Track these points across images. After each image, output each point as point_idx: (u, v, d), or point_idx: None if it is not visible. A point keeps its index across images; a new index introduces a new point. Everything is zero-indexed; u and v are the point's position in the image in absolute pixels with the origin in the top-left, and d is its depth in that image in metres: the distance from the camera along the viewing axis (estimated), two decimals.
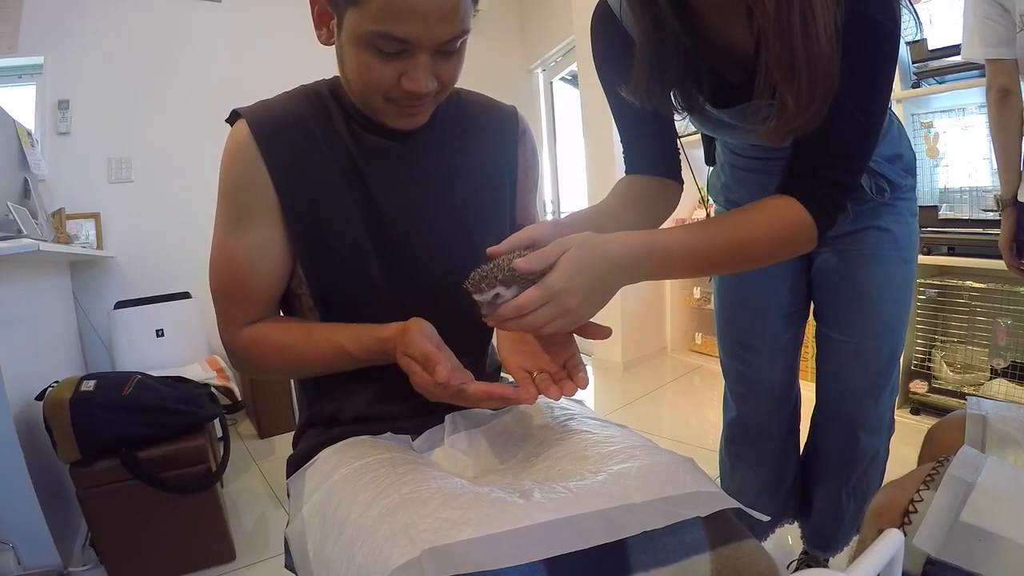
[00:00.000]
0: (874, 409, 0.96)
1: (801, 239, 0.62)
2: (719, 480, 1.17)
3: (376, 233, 0.65)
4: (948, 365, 1.92)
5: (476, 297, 0.53)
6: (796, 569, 1.18)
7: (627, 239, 0.55)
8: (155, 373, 1.54)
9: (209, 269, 0.65)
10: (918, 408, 1.96)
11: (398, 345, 0.56)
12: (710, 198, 1.07)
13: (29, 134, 1.88)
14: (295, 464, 0.67)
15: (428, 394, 0.55)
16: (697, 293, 2.92)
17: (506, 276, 0.52)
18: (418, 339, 0.54)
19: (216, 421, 1.56)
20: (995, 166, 1.86)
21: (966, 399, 0.73)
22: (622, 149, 0.81)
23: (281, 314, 0.71)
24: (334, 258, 0.64)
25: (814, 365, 1.03)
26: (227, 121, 0.65)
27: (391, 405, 0.67)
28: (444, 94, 0.63)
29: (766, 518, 0.52)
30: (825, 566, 1.12)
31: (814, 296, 1.00)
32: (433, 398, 0.55)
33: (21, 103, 2.24)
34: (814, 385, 1.05)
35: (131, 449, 1.27)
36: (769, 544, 1.17)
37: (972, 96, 1.86)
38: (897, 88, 1.92)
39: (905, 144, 0.88)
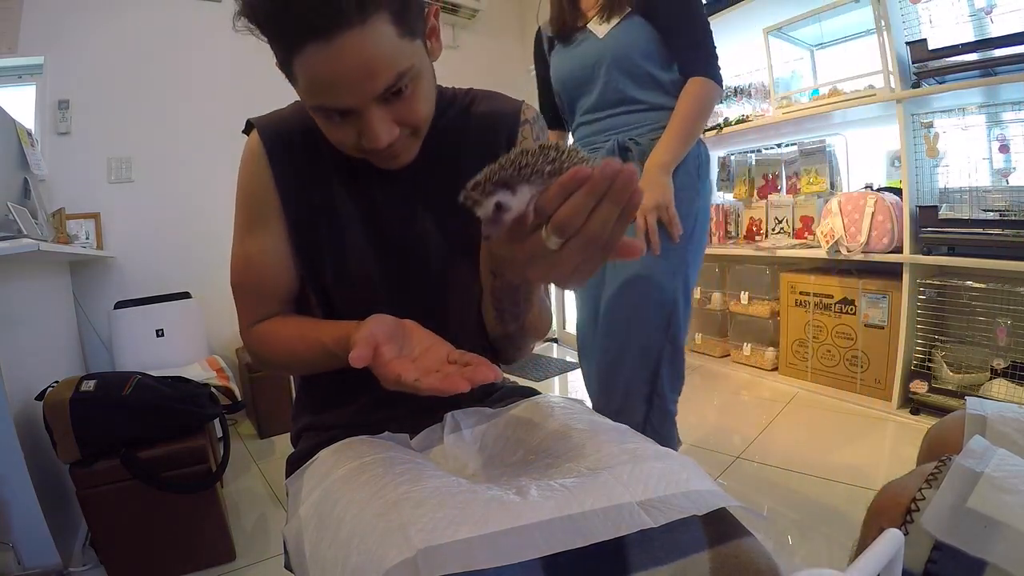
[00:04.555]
0: None
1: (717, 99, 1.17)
2: None
3: (376, 242, 0.67)
4: (948, 365, 1.92)
5: (478, 213, 0.44)
6: None
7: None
8: (155, 373, 1.54)
9: (230, 268, 0.69)
10: (918, 408, 1.95)
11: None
12: None
13: (29, 134, 1.88)
14: (294, 464, 0.68)
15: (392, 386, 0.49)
16: (697, 293, 2.91)
17: (507, 176, 0.43)
18: (362, 334, 0.50)
19: (216, 421, 1.57)
20: (995, 166, 1.87)
21: (965, 399, 0.73)
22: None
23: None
24: (334, 265, 0.67)
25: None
26: (243, 132, 0.68)
27: (389, 411, 0.68)
28: (422, 131, 0.62)
29: (765, 516, 0.52)
30: None
31: None
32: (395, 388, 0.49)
33: (21, 103, 2.24)
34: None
35: (131, 449, 1.27)
36: (768, 543, 1.17)
37: (972, 96, 1.85)
38: (897, 88, 1.92)
39: None
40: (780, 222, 2.62)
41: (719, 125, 2.59)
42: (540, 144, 0.46)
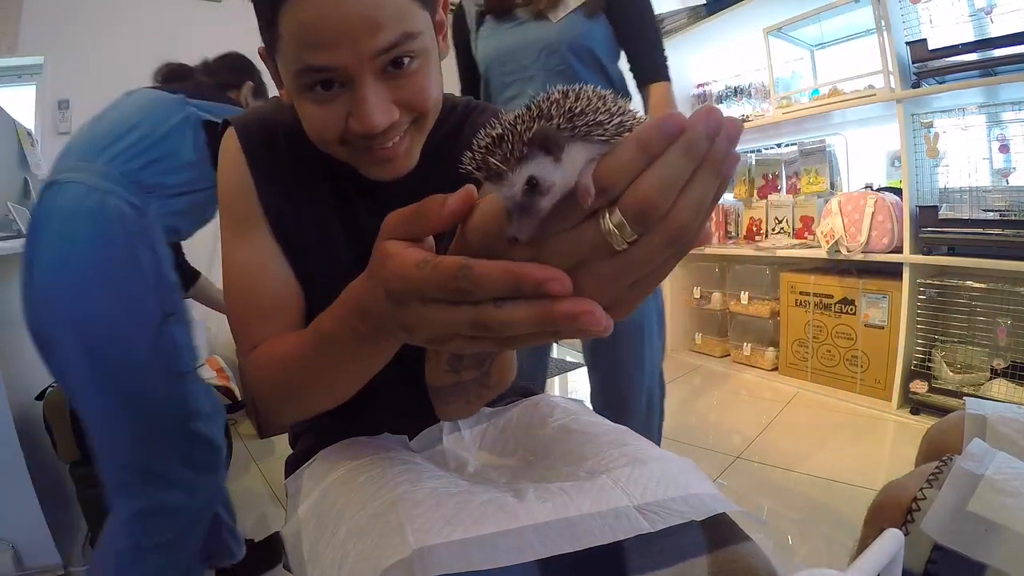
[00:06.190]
0: None
1: None
2: None
3: (360, 251, 0.60)
4: (948, 365, 1.92)
5: (499, 194, 0.28)
6: None
7: None
8: None
9: (223, 285, 0.59)
10: (918, 408, 1.95)
11: (371, 263, 0.39)
12: None
13: (29, 134, 1.88)
14: (293, 464, 0.68)
15: (413, 286, 0.32)
16: (697, 293, 2.91)
17: (548, 132, 0.26)
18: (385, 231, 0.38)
19: None
20: (995, 166, 1.87)
21: (965, 399, 0.73)
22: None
23: None
24: (318, 272, 0.61)
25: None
26: (219, 131, 0.61)
27: (388, 412, 0.68)
28: (425, 123, 0.53)
29: (765, 522, 0.52)
30: None
31: None
32: (422, 290, 0.32)
33: (21, 103, 2.24)
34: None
35: None
36: (768, 544, 1.17)
37: (972, 96, 1.85)
38: (897, 88, 1.92)
39: None
40: (780, 222, 2.62)
41: None
42: (593, 89, 0.30)
